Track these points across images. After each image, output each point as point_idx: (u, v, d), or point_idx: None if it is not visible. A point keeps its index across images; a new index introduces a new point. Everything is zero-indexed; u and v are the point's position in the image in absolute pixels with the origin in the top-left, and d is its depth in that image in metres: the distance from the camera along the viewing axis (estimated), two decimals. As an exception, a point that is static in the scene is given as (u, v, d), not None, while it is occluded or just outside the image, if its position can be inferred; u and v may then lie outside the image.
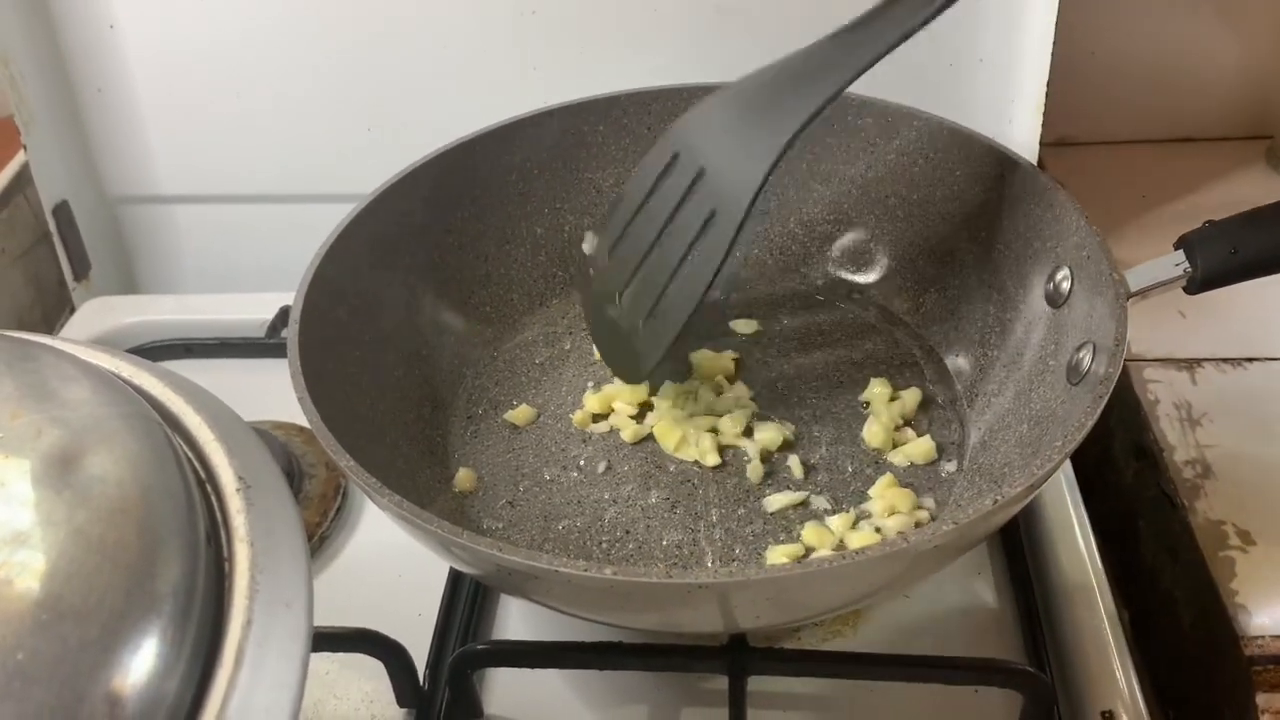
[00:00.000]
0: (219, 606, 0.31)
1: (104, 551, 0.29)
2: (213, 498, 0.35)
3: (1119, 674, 0.49)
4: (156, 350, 0.72)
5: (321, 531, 0.59)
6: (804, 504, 0.54)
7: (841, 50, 0.50)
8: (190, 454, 0.36)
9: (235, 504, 0.34)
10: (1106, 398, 0.45)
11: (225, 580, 0.32)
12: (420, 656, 0.51)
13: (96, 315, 0.75)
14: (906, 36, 0.48)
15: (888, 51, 0.48)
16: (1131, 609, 0.58)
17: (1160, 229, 0.54)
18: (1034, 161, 0.66)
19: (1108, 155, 0.85)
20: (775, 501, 0.53)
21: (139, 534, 0.30)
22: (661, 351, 0.54)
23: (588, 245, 0.59)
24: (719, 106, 0.53)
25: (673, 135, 0.55)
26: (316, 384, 0.48)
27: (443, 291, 0.62)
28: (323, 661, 0.53)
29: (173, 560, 0.31)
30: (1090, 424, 0.43)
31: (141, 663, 0.28)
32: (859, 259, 0.66)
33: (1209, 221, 0.50)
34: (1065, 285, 0.54)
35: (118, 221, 0.80)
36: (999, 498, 0.40)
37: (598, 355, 0.62)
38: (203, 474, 0.35)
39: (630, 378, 0.58)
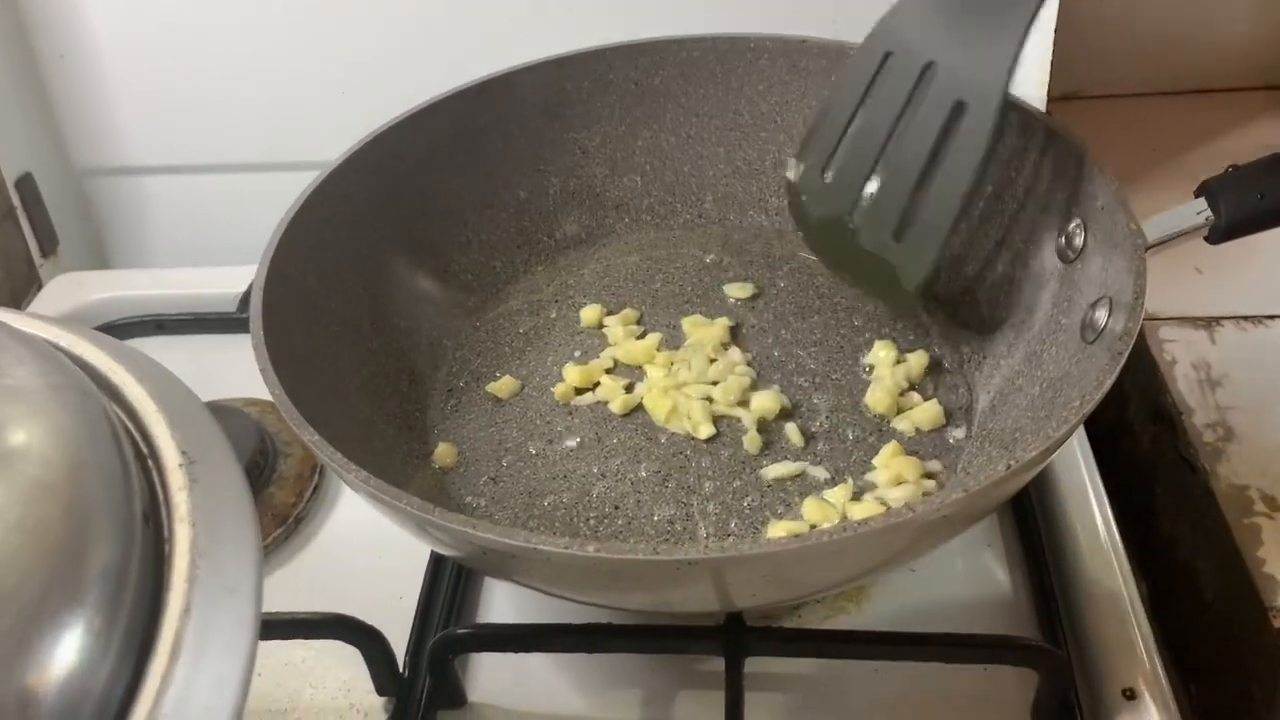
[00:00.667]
0: (156, 593, 0.28)
1: (24, 532, 0.27)
2: (154, 474, 0.32)
3: (1140, 649, 0.46)
4: (127, 326, 0.69)
5: (298, 512, 0.56)
6: (804, 475, 0.50)
7: None
8: (132, 428, 0.33)
9: (177, 480, 0.31)
10: (1126, 355, 0.42)
11: (165, 564, 0.29)
12: (402, 641, 0.49)
13: (65, 291, 0.72)
14: None
15: None
16: (1149, 581, 0.55)
17: (1173, 183, 0.51)
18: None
19: (1116, 109, 0.81)
20: (773, 472, 0.50)
21: (65, 513, 0.28)
22: (931, 262, 0.51)
23: (792, 172, 0.56)
24: (926, 3, 0.51)
25: (879, 36, 0.52)
26: (282, 356, 0.45)
27: (420, 259, 0.59)
28: (298, 649, 0.50)
29: (103, 542, 0.28)
30: (1109, 383, 0.40)
31: (63, 655, 0.25)
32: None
33: (1232, 166, 0.47)
34: (1078, 239, 0.51)
35: (85, 195, 0.77)
36: (1012, 463, 0.37)
37: (585, 322, 0.59)
38: (144, 449, 0.33)
39: (898, 300, 0.56)
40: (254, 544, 0.31)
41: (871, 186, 0.53)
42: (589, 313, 0.60)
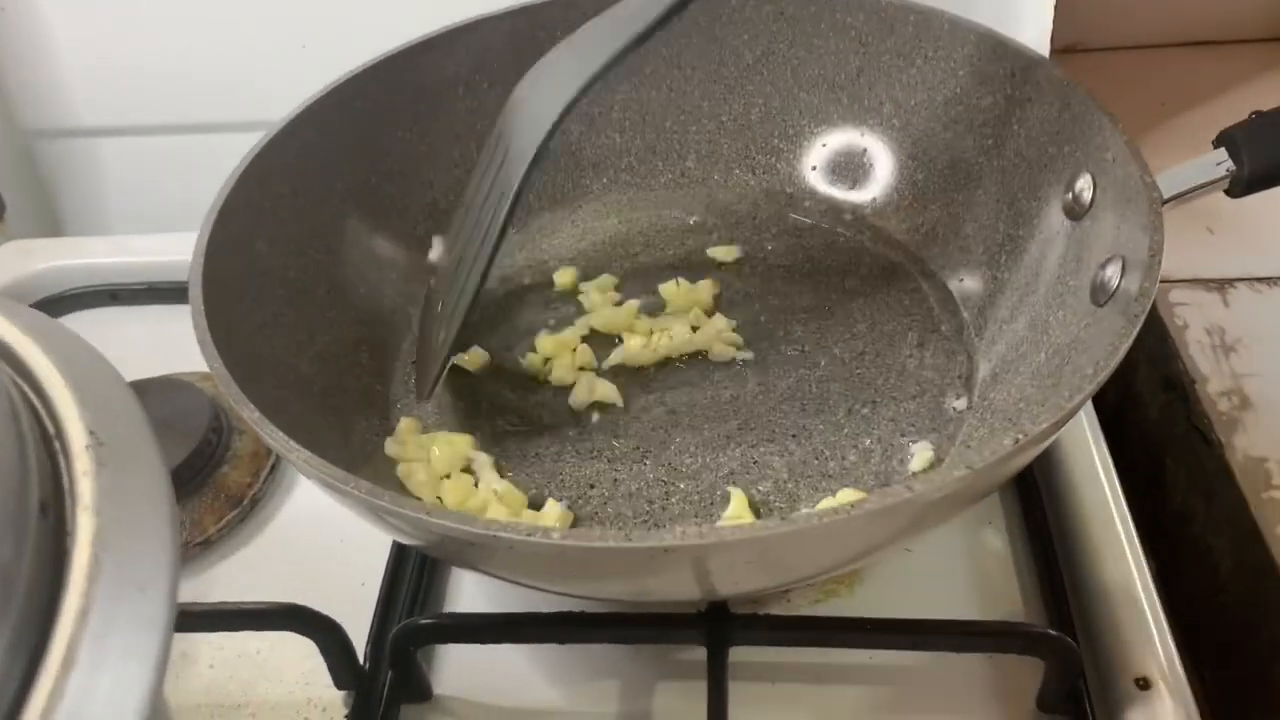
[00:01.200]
0: (54, 592, 0.25)
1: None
2: (61, 459, 0.28)
3: (1154, 635, 0.43)
4: (78, 297, 0.66)
5: (253, 493, 0.53)
6: (790, 452, 0.47)
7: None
8: (38, 405, 0.30)
9: (83, 464, 0.27)
10: (1143, 318, 0.38)
11: (64, 559, 0.26)
12: (365, 632, 0.45)
13: (11, 260, 0.68)
14: None
15: None
16: (1157, 560, 0.52)
17: (1182, 137, 0.48)
18: (1046, 61, 0.58)
19: (1121, 61, 0.77)
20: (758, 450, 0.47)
21: (-59, 502, 0.24)
22: (438, 364, 0.48)
23: (435, 253, 0.53)
24: (524, 83, 0.48)
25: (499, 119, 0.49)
26: (225, 326, 0.41)
27: (381, 221, 0.55)
28: (253, 640, 0.47)
29: (-12, 535, 0.24)
30: (1125, 348, 0.37)
31: (-66, 666, 0.22)
32: (852, 174, 0.59)
33: (1255, 113, 0.43)
34: (1086, 194, 0.47)
35: (34, 158, 0.73)
36: (1020, 436, 0.34)
37: (559, 287, 0.56)
38: (51, 429, 0.29)
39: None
40: (170, 535, 0.27)
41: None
42: (563, 276, 0.56)
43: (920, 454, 0.46)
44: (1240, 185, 0.43)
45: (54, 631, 0.24)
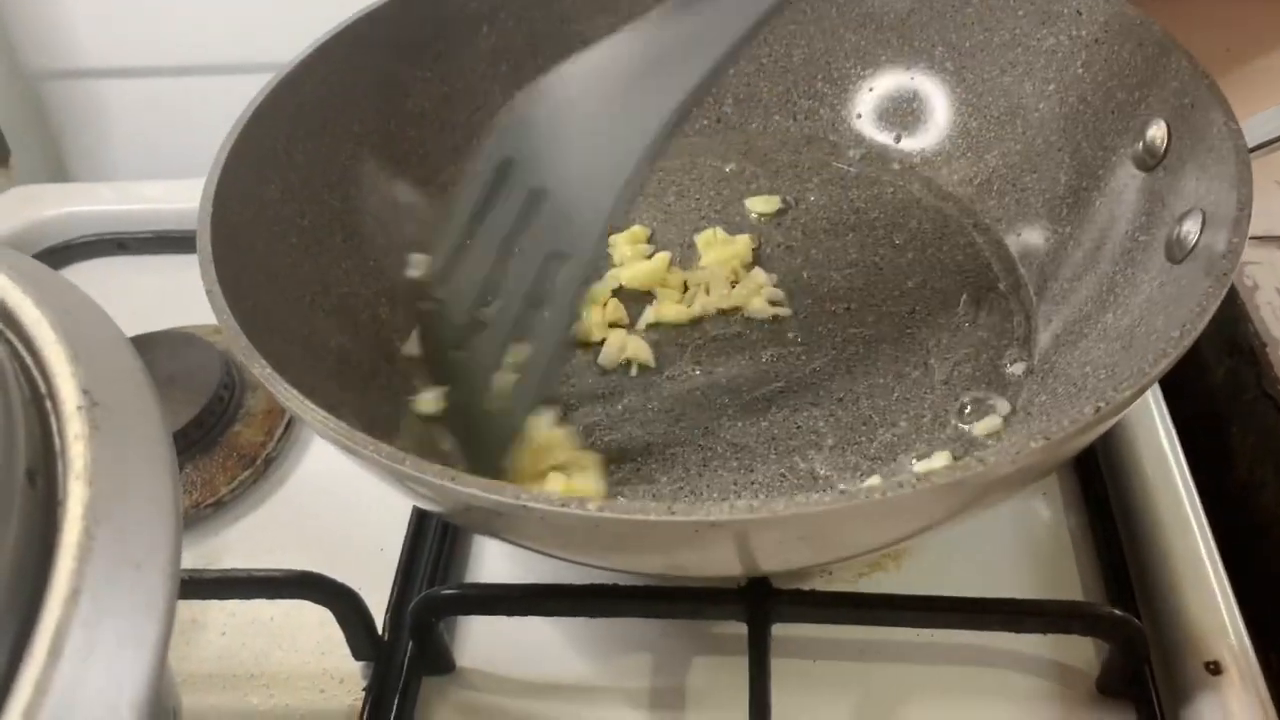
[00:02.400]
0: (41, 571, 0.22)
1: None
2: (53, 421, 0.26)
3: (1225, 617, 0.40)
4: (85, 246, 0.64)
5: (267, 453, 0.50)
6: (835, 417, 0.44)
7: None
8: (30, 362, 0.27)
9: (75, 427, 0.25)
10: (1231, 276, 0.35)
11: (54, 534, 0.23)
12: (383, 600, 0.43)
13: (17, 206, 0.65)
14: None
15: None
16: (1221, 534, 0.49)
17: (1251, 87, 0.44)
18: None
19: (1185, 6, 0.73)
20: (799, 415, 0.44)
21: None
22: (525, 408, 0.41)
23: (417, 269, 0.45)
24: (555, 112, 0.41)
25: (498, 133, 0.42)
26: (235, 276, 0.39)
27: (401, 167, 0.52)
28: (266, 606, 0.45)
29: (-33, 504, 0.22)
30: (1213, 308, 0.34)
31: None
32: (901, 121, 0.55)
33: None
34: (1160, 143, 0.44)
35: (40, 101, 0.70)
36: (1102, 404, 0.31)
37: None
38: (43, 389, 0.26)
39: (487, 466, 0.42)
40: (171, 507, 0.25)
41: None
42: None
43: (985, 422, 0.43)
44: (1330, 135, 0.39)
45: (40, 617, 0.22)
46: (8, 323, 0.28)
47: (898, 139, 0.55)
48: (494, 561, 0.46)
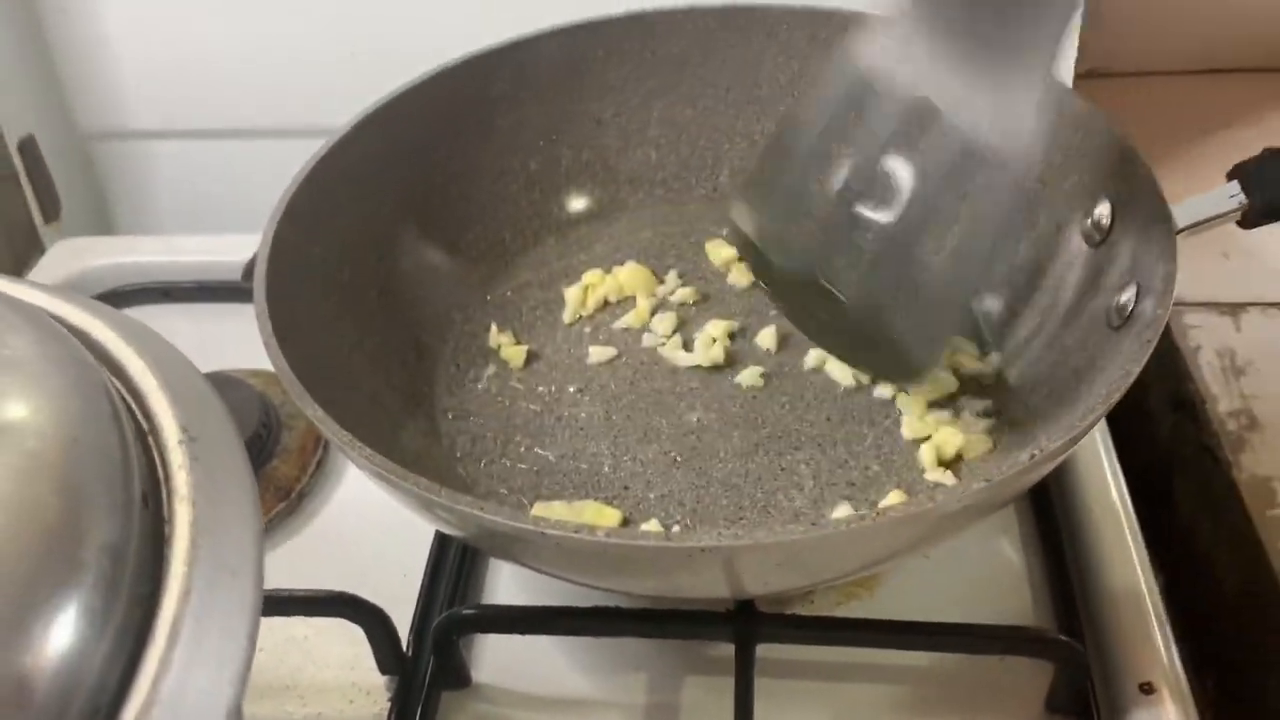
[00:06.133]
0: (155, 575, 0.27)
1: (15, 511, 0.26)
2: (155, 452, 0.31)
3: (1159, 643, 0.45)
4: (132, 294, 0.68)
5: (301, 487, 0.55)
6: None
7: None
8: (132, 403, 0.32)
9: (177, 458, 0.30)
10: (1155, 342, 0.40)
11: (164, 545, 0.28)
12: (406, 619, 0.48)
13: (67, 258, 0.71)
14: None
15: None
16: (1164, 571, 0.54)
17: (1199, 165, 0.50)
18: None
19: (1140, 87, 0.79)
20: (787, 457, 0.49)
21: (60, 492, 0.27)
22: (942, 344, 0.47)
23: (742, 217, 0.47)
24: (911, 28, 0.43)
25: (851, 60, 0.44)
26: (286, 327, 0.44)
27: (428, 230, 0.58)
28: (300, 625, 0.50)
29: (100, 521, 0.27)
30: (1136, 371, 0.39)
31: (57, 639, 0.24)
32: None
33: (1269, 149, 0.45)
34: (1105, 221, 0.49)
35: (90, 159, 0.76)
36: (1036, 452, 0.36)
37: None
38: (145, 426, 0.32)
39: (901, 376, 0.50)
40: (255, 524, 0.30)
41: (860, 242, 0.45)
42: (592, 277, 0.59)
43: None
44: (1251, 218, 0.45)
45: (159, 611, 0.27)
46: (114, 371, 0.33)
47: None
48: (507, 585, 0.51)
